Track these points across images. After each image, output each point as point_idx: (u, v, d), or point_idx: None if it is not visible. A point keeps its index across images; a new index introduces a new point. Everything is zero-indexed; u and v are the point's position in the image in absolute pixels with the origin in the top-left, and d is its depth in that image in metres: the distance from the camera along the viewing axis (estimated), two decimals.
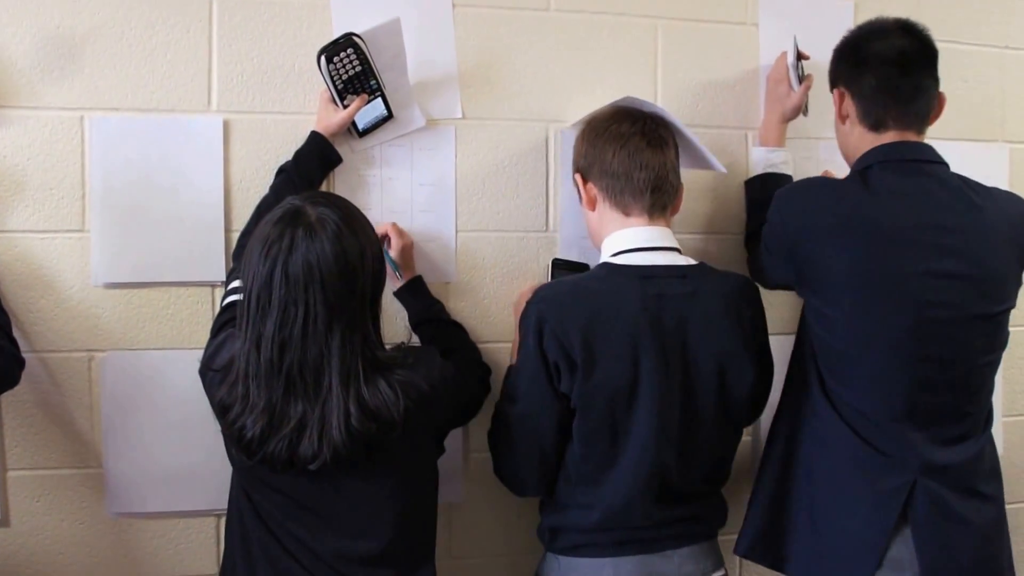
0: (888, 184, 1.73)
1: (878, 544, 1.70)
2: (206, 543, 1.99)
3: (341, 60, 1.91)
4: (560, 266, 2.01)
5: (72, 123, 1.91)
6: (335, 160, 1.96)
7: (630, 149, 1.77)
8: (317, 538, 1.64)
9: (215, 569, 1.94)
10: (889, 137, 1.77)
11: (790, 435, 1.83)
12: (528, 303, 1.76)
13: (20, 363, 1.78)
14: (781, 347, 1.90)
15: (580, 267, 2.00)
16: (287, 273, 1.52)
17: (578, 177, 1.85)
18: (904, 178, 1.73)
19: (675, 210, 1.84)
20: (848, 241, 1.70)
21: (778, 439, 1.86)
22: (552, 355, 1.69)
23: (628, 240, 1.77)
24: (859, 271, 1.69)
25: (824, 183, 1.86)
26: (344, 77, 1.92)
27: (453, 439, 1.91)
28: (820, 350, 1.78)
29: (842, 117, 1.81)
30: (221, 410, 1.61)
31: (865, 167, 1.76)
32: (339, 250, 1.53)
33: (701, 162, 1.94)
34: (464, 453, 2.05)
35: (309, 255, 1.52)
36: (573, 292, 1.73)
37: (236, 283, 1.74)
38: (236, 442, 1.59)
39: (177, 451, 1.94)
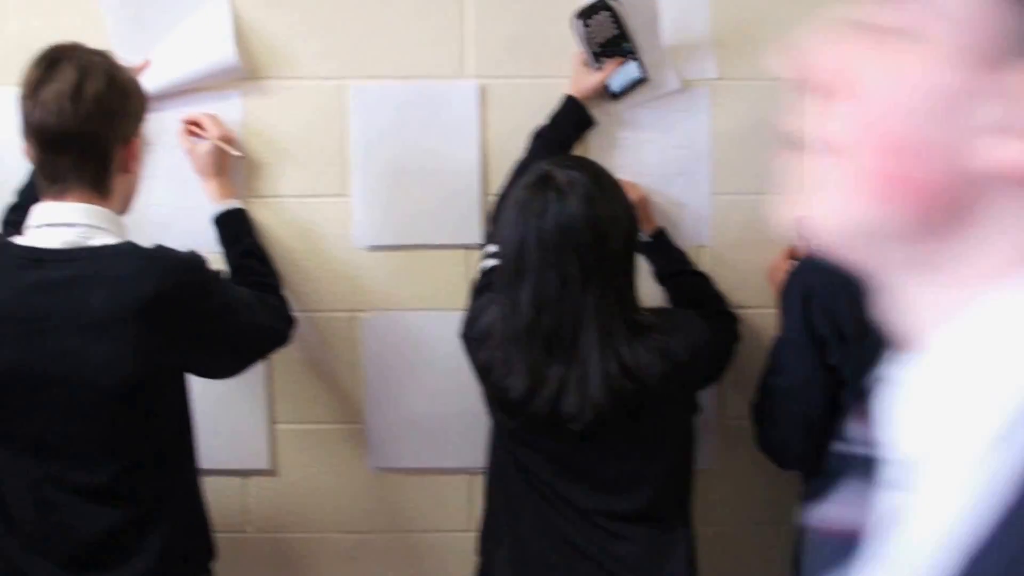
0: None
1: None
2: (459, 500, 2.12)
3: (597, 22, 1.97)
4: None
5: (334, 92, 2.03)
6: (589, 123, 2.03)
7: None
8: (579, 495, 1.74)
9: (467, 525, 2.07)
10: None
11: None
12: (792, 273, 1.80)
13: (291, 323, 1.94)
14: None
15: None
16: (540, 237, 1.59)
17: None
18: None
19: None
20: None
21: None
22: (820, 327, 1.73)
23: None
24: None
25: None
26: (599, 40, 1.98)
27: (708, 407, 1.98)
28: None
29: None
30: (483, 373, 1.72)
31: None
32: (590, 212, 1.59)
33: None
34: (719, 420, 2.12)
35: (560, 218, 1.58)
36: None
37: (493, 247, 1.85)
38: (499, 404, 1.71)
39: (435, 409, 2.08)
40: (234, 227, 1.97)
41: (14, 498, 1.69)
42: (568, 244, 1.58)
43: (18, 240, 1.65)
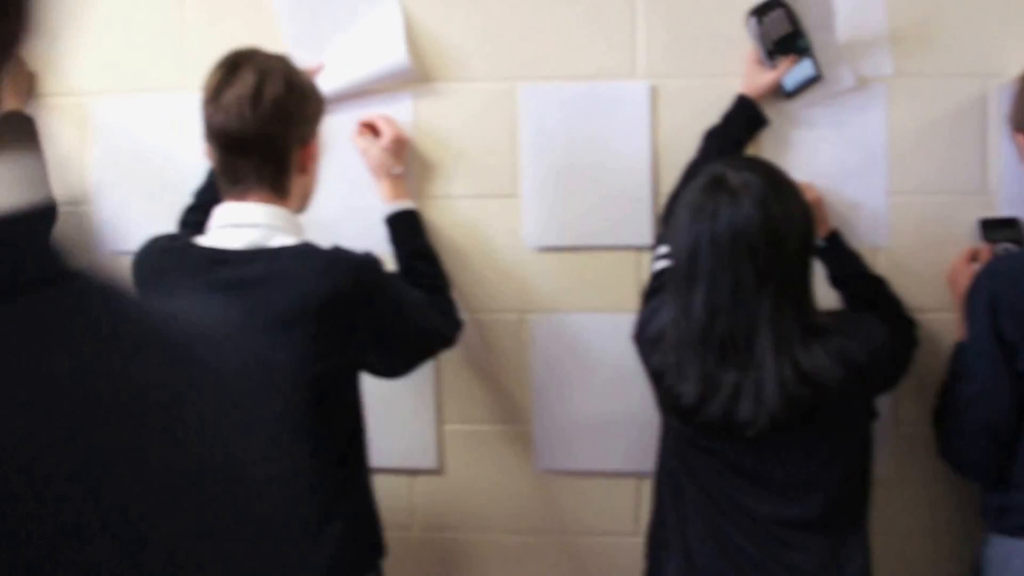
0: None
1: None
2: (626, 503, 2.12)
3: (771, 20, 1.96)
4: (990, 226, 2.00)
5: (504, 93, 2.04)
6: (762, 123, 2.02)
7: None
8: (752, 501, 1.72)
9: (633, 529, 2.07)
10: None
11: None
12: (978, 277, 1.76)
13: (459, 325, 1.96)
14: None
15: (1010, 223, 1.98)
16: (713, 241, 1.57)
17: (1019, 136, 1.84)
18: None
19: None
20: None
21: None
22: (1009, 334, 1.68)
23: None
24: None
25: None
26: (773, 37, 1.97)
27: (883, 414, 1.95)
28: None
29: None
30: (656, 377, 1.71)
31: None
32: (764, 215, 1.56)
33: None
34: (893, 427, 2.09)
35: (734, 221, 1.56)
36: None
37: (664, 249, 1.84)
38: (672, 409, 1.69)
39: (602, 412, 2.08)
40: (405, 227, 1.99)
41: None
42: (742, 248, 1.57)
43: (201, 241, 1.70)
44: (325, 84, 1.94)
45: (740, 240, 1.57)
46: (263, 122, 1.62)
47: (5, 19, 0.55)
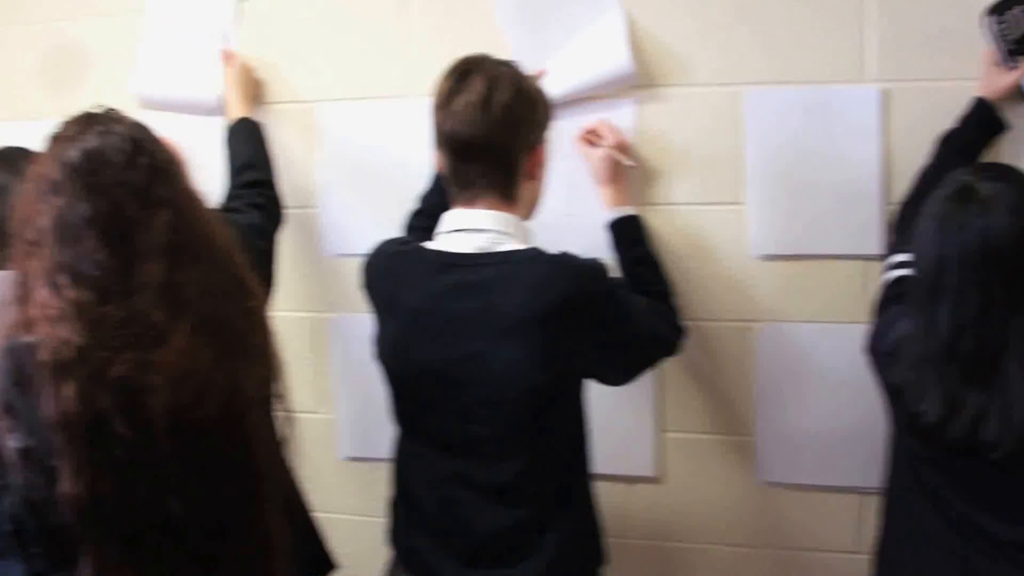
0: None
1: None
2: (848, 520, 2.07)
3: (1011, 18, 1.89)
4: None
5: (729, 98, 2.02)
6: (1001, 127, 1.96)
7: None
8: (992, 524, 1.64)
9: (855, 547, 2.03)
10: None
11: None
12: None
13: (683, 332, 1.94)
14: None
15: None
16: (962, 254, 1.51)
17: None
18: None
19: None
20: None
21: None
22: None
23: None
24: None
25: None
26: (1014, 36, 1.90)
27: None
28: None
29: None
30: (893, 393, 1.65)
31: None
32: (1018, 228, 1.50)
33: None
34: None
35: (984, 234, 1.50)
36: None
37: (899, 257, 1.79)
38: (911, 427, 1.64)
39: (826, 425, 2.04)
40: (628, 234, 1.99)
41: (420, 492, 1.77)
42: (992, 262, 1.51)
43: (430, 245, 1.72)
44: (548, 90, 1.94)
45: (991, 255, 1.51)
46: (493, 128, 1.64)
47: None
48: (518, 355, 1.60)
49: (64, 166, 1.36)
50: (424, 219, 2.00)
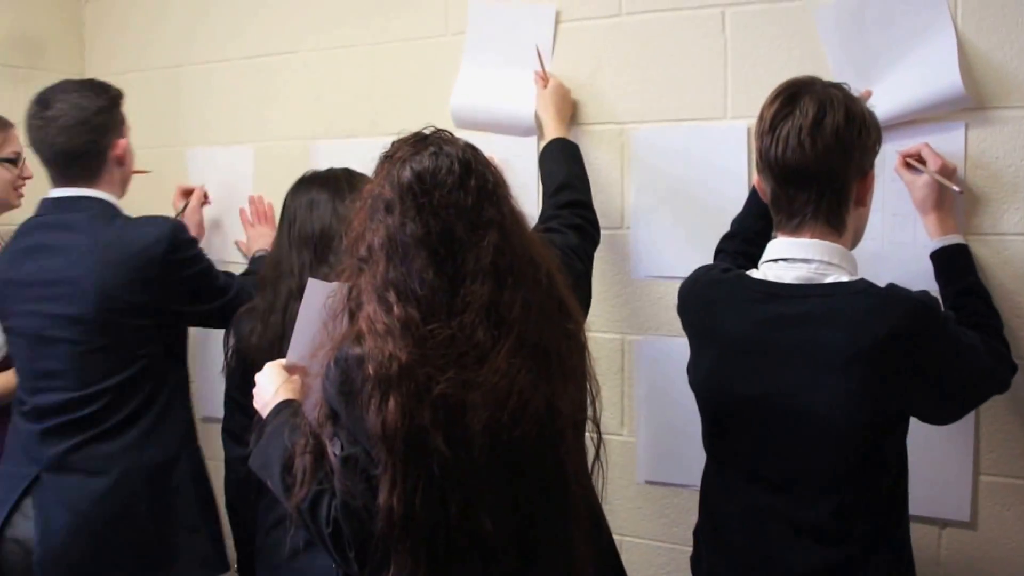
0: None
1: None
2: None
3: None
4: None
5: None
6: None
7: None
8: None
9: None
10: None
11: None
12: None
13: (1014, 369, 1.82)
14: None
15: None
16: None
17: None
18: None
19: None
20: None
21: None
22: None
23: None
24: None
25: None
26: None
27: None
28: None
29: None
30: None
31: None
32: None
33: None
34: None
35: None
36: None
37: None
38: None
39: None
40: (953, 263, 1.91)
41: (729, 523, 1.75)
42: None
43: (753, 274, 1.70)
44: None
45: None
46: (824, 154, 1.60)
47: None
48: (841, 392, 1.57)
49: (397, 186, 1.43)
50: (738, 243, 1.99)
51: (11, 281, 2.17)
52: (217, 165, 2.83)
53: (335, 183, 2.07)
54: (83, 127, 2.14)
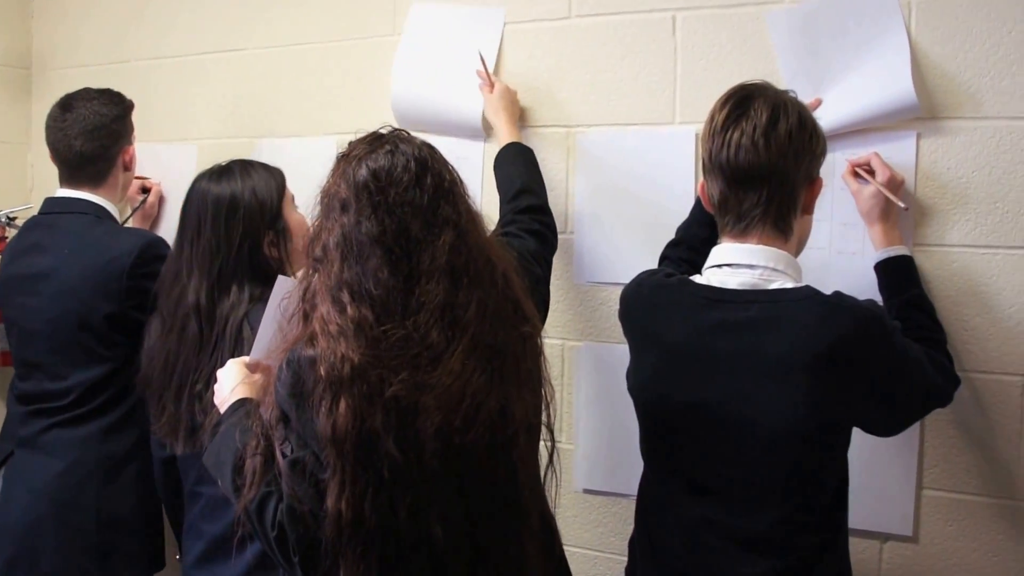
0: None
1: None
2: None
3: None
4: None
5: (1021, 132, 1.89)
6: None
7: None
8: None
9: None
10: None
11: None
12: None
13: (957, 382, 1.81)
14: None
15: None
16: None
17: None
18: None
19: None
20: None
21: None
22: None
23: None
24: None
25: None
26: None
27: None
28: None
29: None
30: None
31: None
32: None
33: None
34: None
35: None
36: None
37: None
38: None
39: None
40: (898, 275, 1.89)
41: (665, 534, 1.71)
42: None
43: (697, 279, 1.67)
44: (822, 121, 1.86)
45: None
46: (776, 157, 1.58)
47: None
48: (784, 400, 1.54)
49: (352, 184, 1.40)
50: (683, 251, 1.96)
51: (11, 275, 2.34)
52: (160, 161, 2.76)
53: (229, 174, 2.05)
54: (101, 132, 2.32)
